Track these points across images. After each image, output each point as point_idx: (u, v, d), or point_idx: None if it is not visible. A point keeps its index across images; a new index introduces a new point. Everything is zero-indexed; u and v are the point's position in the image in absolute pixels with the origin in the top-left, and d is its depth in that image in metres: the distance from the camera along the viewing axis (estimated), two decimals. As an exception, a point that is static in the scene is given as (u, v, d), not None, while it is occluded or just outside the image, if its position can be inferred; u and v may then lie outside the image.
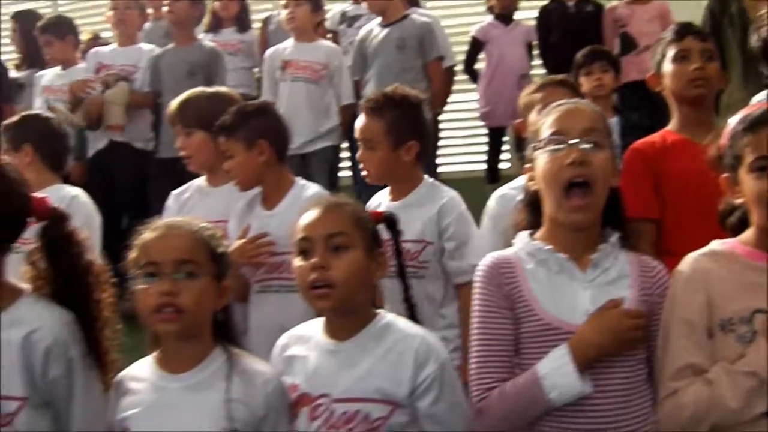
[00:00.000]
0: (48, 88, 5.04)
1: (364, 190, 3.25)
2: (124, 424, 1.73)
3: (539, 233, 1.78)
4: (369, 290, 1.82)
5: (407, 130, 2.51)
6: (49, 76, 5.10)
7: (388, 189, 2.60)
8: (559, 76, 2.96)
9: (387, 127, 2.49)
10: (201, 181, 2.95)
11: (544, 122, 1.77)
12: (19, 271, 1.80)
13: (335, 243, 1.74)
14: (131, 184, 4.68)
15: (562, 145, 1.70)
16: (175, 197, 2.98)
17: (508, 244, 1.84)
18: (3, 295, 1.72)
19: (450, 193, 2.55)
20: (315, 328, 1.84)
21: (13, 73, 5.41)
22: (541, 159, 1.73)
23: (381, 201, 2.58)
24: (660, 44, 2.52)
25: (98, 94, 4.71)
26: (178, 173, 3.80)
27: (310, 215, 1.78)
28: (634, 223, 1.96)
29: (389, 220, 2.04)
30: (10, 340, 1.67)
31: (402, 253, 2.09)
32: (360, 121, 2.57)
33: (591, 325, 1.66)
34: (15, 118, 3.25)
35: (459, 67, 5.34)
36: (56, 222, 1.78)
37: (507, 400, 1.67)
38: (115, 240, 2.31)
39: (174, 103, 2.96)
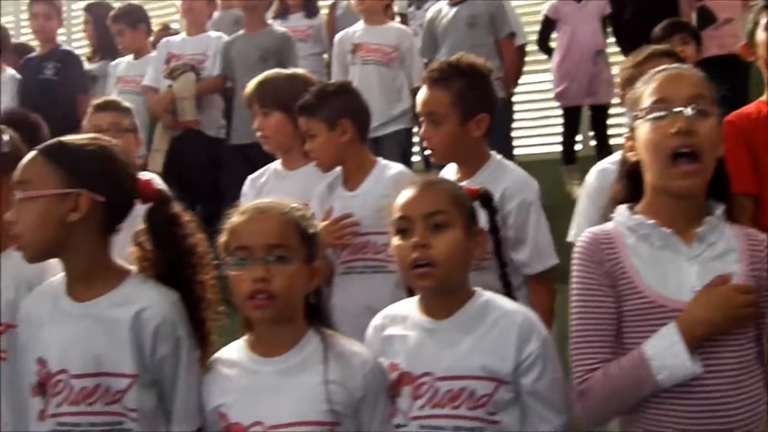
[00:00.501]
0: (122, 79, 5.11)
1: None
2: (219, 411, 1.72)
3: (639, 207, 1.70)
4: (467, 269, 1.78)
5: (476, 101, 2.34)
6: (122, 66, 5.17)
7: (453, 168, 2.45)
8: (663, 47, 2.82)
9: (454, 99, 2.32)
10: (277, 164, 2.94)
11: (644, 90, 1.68)
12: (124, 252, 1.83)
13: (435, 221, 1.71)
14: (204, 172, 4.70)
15: (665, 113, 1.61)
16: (251, 182, 2.97)
17: (606, 220, 1.76)
18: (110, 275, 1.76)
19: (515, 175, 2.39)
20: (410, 307, 1.81)
21: (86, 66, 5.49)
22: (642, 129, 1.64)
23: None
24: (751, 12, 2.37)
25: (166, 91, 4.73)
26: (250, 160, 3.82)
27: (408, 194, 1.75)
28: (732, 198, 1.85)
29: (485, 197, 1.97)
30: (120, 318, 1.70)
31: (499, 230, 2.02)
32: (423, 94, 2.41)
33: (699, 302, 1.57)
34: None
35: (530, 48, 5.22)
36: (161, 204, 1.79)
37: (611, 381, 1.60)
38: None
39: (252, 84, 2.94)
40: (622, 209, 1.72)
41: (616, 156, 2.37)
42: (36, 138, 3.01)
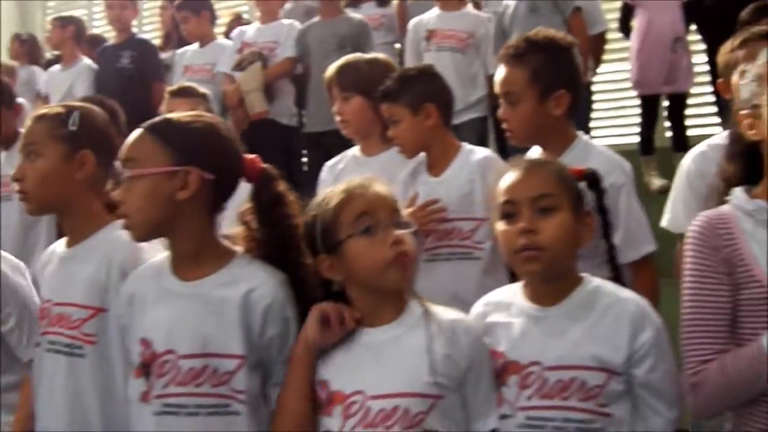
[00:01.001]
0: (189, 68, 5.12)
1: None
2: (320, 379, 1.67)
3: (758, 190, 1.58)
4: (576, 253, 1.69)
5: (555, 77, 2.22)
6: (188, 54, 5.19)
7: (536, 152, 2.33)
8: (762, 28, 2.69)
9: (531, 76, 2.21)
10: (356, 150, 2.90)
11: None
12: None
13: (542, 205, 1.62)
14: (278, 160, 4.65)
15: None
16: (329, 168, 2.93)
17: (707, 207, 1.66)
18: (217, 255, 1.74)
19: (604, 156, 2.25)
20: (513, 294, 1.73)
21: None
22: None
23: None
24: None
25: (233, 86, 4.72)
26: (325, 148, 3.79)
27: (513, 177, 1.67)
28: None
29: (592, 178, 1.86)
30: (229, 298, 1.68)
31: (607, 212, 1.92)
32: (500, 73, 2.31)
33: None
34: None
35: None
36: (267, 182, 1.76)
37: (726, 374, 1.50)
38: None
39: (332, 68, 2.90)
40: (738, 192, 1.60)
41: (716, 138, 2.27)
42: (113, 124, 3.05)
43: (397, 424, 1.56)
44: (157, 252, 1.88)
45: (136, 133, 1.72)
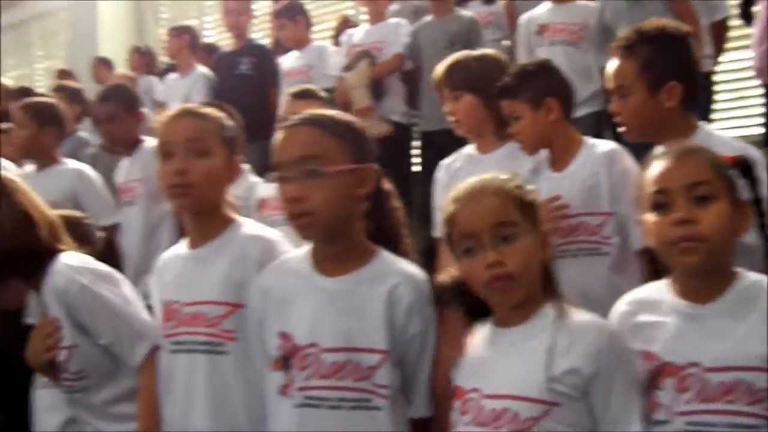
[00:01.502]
0: (288, 72, 5.18)
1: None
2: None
3: None
4: (734, 245, 1.60)
5: (666, 68, 2.18)
6: (289, 60, 5.24)
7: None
8: None
9: (640, 68, 2.19)
10: (471, 149, 2.86)
11: None
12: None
13: (698, 193, 1.55)
14: (387, 157, 4.64)
15: None
16: (445, 168, 2.91)
17: None
18: (361, 252, 1.76)
19: (729, 145, 2.09)
20: (660, 291, 1.66)
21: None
22: None
23: None
24: None
25: (340, 87, 4.74)
26: (438, 146, 3.76)
27: (663, 165, 1.60)
28: None
29: (744, 165, 1.73)
30: (374, 294, 1.70)
31: (761, 202, 1.79)
32: (611, 66, 2.28)
33: None
34: None
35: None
36: (381, 181, 1.82)
37: None
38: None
39: (441, 67, 2.88)
40: None
41: None
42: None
43: (505, 426, 1.53)
44: (288, 247, 1.93)
45: (306, 130, 1.72)
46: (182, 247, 2.04)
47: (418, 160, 4.69)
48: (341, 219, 1.71)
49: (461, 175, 2.74)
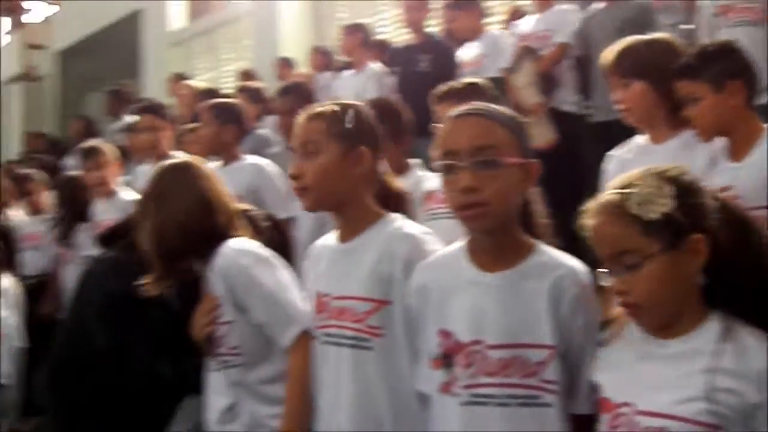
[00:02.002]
0: (466, 64, 5.17)
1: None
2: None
3: None
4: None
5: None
6: (464, 52, 5.22)
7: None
8: None
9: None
10: (642, 139, 2.74)
11: None
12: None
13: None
14: (560, 148, 4.57)
15: None
16: (615, 159, 2.80)
17: None
18: (519, 246, 1.74)
19: None
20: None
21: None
22: None
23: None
24: None
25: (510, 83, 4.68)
26: (611, 137, 3.65)
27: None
28: None
29: None
30: (538, 287, 1.68)
31: None
32: None
33: None
34: None
35: None
36: None
37: None
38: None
39: (609, 53, 2.75)
40: None
41: None
42: (398, 125, 3.15)
43: None
44: (437, 243, 1.92)
45: (481, 120, 1.71)
46: (331, 239, 2.08)
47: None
48: (508, 212, 1.70)
49: (632, 166, 2.63)
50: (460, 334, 1.69)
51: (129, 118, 5.56)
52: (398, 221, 2.00)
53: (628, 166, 2.64)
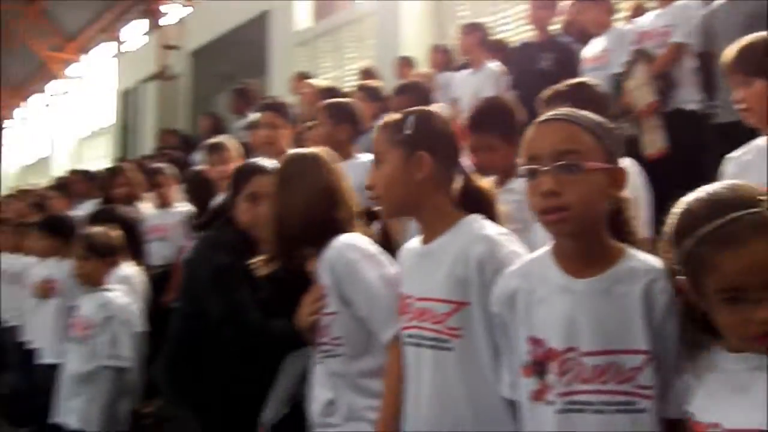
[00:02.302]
0: (587, 59, 5.08)
1: None
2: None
3: None
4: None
5: None
6: (589, 48, 5.13)
7: None
8: None
9: None
10: (763, 140, 2.62)
11: None
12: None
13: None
14: (685, 149, 4.43)
15: None
16: (733, 161, 2.69)
17: None
18: (607, 251, 1.71)
19: None
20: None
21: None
22: None
23: None
24: None
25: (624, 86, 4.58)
26: (736, 139, 3.51)
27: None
28: None
29: None
30: (630, 292, 1.66)
31: None
32: None
33: None
34: None
35: None
36: None
37: None
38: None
39: (730, 50, 2.66)
40: None
41: None
42: (511, 125, 3.13)
43: None
44: (514, 244, 1.93)
45: (566, 125, 1.71)
46: (417, 241, 2.11)
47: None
48: (593, 217, 1.67)
49: (752, 169, 2.55)
50: (553, 342, 1.68)
51: (252, 116, 5.75)
52: (476, 222, 2.01)
53: (747, 169, 2.56)
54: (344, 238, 2.24)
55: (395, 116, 2.12)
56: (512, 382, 1.80)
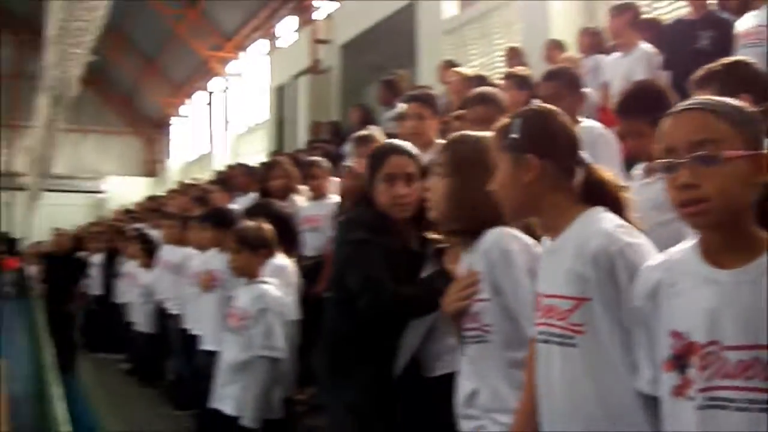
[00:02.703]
0: (743, 34, 4.78)
1: None
2: None
3: None
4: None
5: None
6: (743, 22, 4.85)
7: None
8: None
9: None
10: None
11: None
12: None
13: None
14: None
15: None
16: None
17: None
18: (754, 242, 1.62)
19: None
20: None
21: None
22: None
23: None
24: None
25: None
26: None
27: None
28: None
29: None
30: None
31: None
32: None
33: None
34: None
35: None
36: None
37: None
38: None
39: None
40: None
41: None
42: (660, 109, 3.01)
43: None
44: (630, 237, 1.88)
45: (701, 115, 1.64)
46: (547, 239, 2.11)
47: None
48: (734, 207, 1.59)
49: None
50: (695, 335, 1.61)
51: (399, 107, 5.81)
52: (596, 215, 1.98)
53: None
54: (502, 228, 2.28)
55: (505, 121, 2.14)
56: (653, 377, 1.75)
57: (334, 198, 5.78)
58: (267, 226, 3.98)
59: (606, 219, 1.96)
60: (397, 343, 2.86)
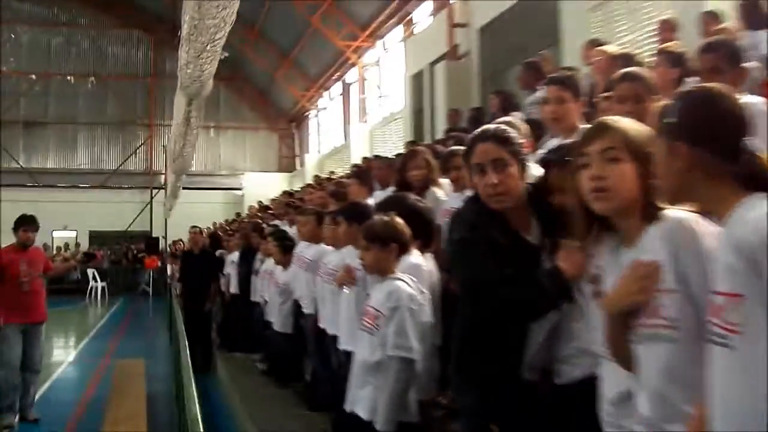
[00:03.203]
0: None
1: None
2: None
3: None
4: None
5: None
6: None
7: None
8: None
9: None
10: None
11: None
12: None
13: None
14: None
15: None
16: None
17: None
18: None
19: None
20: None
21: None
22: None
23: None
24: None
25: None
26: None
27: None
28: None
29: None
30: None
31: None
32: None
33: None
34: None
35: None
36: None
37: None
38: None
39: None
40: None
41: None
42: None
43: None
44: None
45: None
46: None
47: None
48: None
49: None
50: None
51: (541, 90, 5.48)
52: (751, 204, 1.78)
53: None
54: (682, 212, 2.09)
55: (666, 102, 2.02)
56: None
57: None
58: (398, 220, 3.78)
59: (759, 206, 1.74)
60: (520, 344, 2.80)
